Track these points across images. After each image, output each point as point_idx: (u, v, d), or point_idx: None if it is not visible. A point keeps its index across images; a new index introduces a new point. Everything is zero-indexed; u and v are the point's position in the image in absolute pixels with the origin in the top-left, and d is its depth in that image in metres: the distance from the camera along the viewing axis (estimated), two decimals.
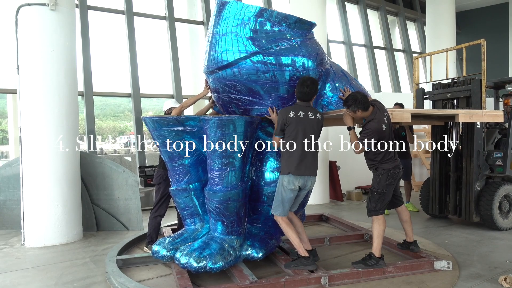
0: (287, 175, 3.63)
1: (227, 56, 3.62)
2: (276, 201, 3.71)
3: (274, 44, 3.62)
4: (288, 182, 3.62)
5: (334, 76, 4.16)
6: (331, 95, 4.12)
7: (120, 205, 5.75)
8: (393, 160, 3.81)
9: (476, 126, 5.35)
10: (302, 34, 3.77)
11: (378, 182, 3.80)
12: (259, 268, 3.94)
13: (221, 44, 3.65)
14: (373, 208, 3.81)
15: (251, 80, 3.67)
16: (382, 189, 3.78)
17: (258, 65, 3.61)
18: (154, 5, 8.57)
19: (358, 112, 3.69)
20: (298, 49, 3.70)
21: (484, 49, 5.40)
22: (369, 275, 3.67)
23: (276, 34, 3.65)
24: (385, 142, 3.74)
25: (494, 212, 5.24)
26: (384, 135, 3.71)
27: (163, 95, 8.47)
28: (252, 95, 3.77)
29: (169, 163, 3.97)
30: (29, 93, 4.95)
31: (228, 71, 3.67)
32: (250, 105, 3.85)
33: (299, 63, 3.69)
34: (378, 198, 3.79)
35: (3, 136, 8.52)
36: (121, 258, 4.17)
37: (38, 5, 4.88)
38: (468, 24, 15.06)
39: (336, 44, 11.29)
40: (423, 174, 9.18)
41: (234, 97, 3.84)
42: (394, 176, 3.80)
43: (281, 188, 3.66)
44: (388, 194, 3.82)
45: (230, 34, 3.62)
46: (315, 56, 3.79)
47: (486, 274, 3.82)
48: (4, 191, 5.71)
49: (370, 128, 3.67)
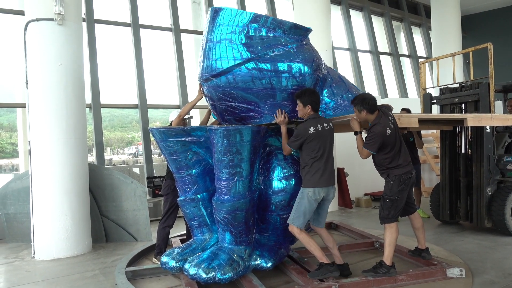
0: (312, 188, 3.61)
1: (221, 64, 3.60)
2: (297, 212, 3.64)
3: (269, 50, 3.60)
4: (314, 193, 3.61)
5: (332, 82, 4.14)
6: (328, 101, 4.11)
7: (129, 216, 5.76)
8: (404, 166, 3.75)
9: (486, 130, 5.29)
10: (298, 40, 3.77)
11: (390, 188, 3.75)
12: (269, 278, 3.91)
13: (215, 51, 3.64)
14: (386, 216, 3.76)
15: (246, 87, 3.65)
16: (394, 195, 3.73)
17: (253, 72, 3.59)
18: (160, 17, 8.67)
19: (363, 112, 3.69)
20: (294, 55, 3.68)
21: (491, 53, 5.36)
22: (380, 283, 3.62)
23: (271, 40, 3.64)
24: (390, 146, 3.70)
25: (506, 217, 5.15)
26: (389, 139, 3.68)
27: (170, 106, 8.52)
28: (248, 103, 3.75)
29: (177, 173, 3.97)
30: (38, 106, 5.01)
31: (223, 78, 3.66)
32: (246, 113, 3.83)
33: (295, 69, 3.68)
34: (390, 205, 3.74)
35: (14, 149, 8.61)
36: (130, 269, 4.16)
37: (46, 20, 4.96)
38: (474, 27, 14.98)
39: (342, 51, 11.29)
40: (433, 179, 9.08)
41: (229, 104, 3.81)
42: (406, 182, 3.74)
43: (305, 200, 3.63)
44: (401, 201, 3.77)
45: (224, 41, 3.61)
46: (312, 62, 3.78)
47: (500, 281, 3.74)
48: (14, 204, 5.76)
49: (374, 131, 3.66)
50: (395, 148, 3.73)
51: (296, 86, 3.74)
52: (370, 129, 3.72)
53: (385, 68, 12.07)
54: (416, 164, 6.40)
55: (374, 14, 12.44)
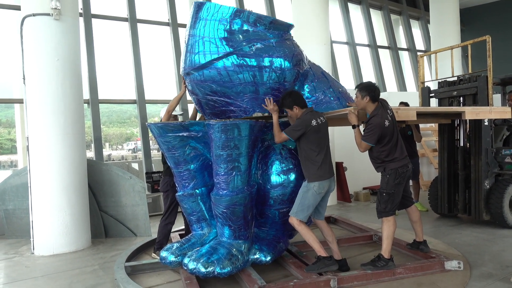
0: (318, 182, 3.64)
1: (201, 58, 3.63)
2: (301, 205, 3.66)
3: (249, 44, 3.62)
4: (319, 187, 3.64)
5: (313, 77, 4.15)
6: (310, 96, 4.11)
7: (128, 211, 5.77)
8: (400, 159, 3.77)
9: (484, 123, 5.30)
10: (279, 35, 3.78)
11: (386, 182, 3.76)
12: (268, 272, 3.92)
13: (196, 45, 3.66)
14: (383, 210, 3.77)
15: (226, 81, 3.67)
16: (391, 189, 3.74)
17: (232, 66, 3.61)
18: (157, 11, 8.62)
19: (366, 98, 3.71)
20: (274, 49, 3.70)
21: (489, 46, 5.35)
22: (379, 276, 3.63)
23: (251, 35, 3.66)
24: (388, 138, 3.70)
25: (504, 210, 5.18)
26: (387, 131, 3.69)
27: (168, 101, 8.46)
28: (227, 97, 3.77)
29: (175, 168, 3.97)
30: (36, 102, 5.00)
31: (204, 72, 3.67)
32: (225, 107, 3.85)
33: (275, 63, 3.69)
34: (387, 199, 3.75)
35: (12, 145, 8.60)
36: (130, 264, 4.17)
37: (42, 15, 4.93)
38: (472, 20, 14.93)
39: (340, 44, 11.26)
40: (431, 173, 9.10)
41: (210, 98, 3.83)
42: (402, 175, 3.75)
43: (309, 194, 3.65)
44: (397, 194, 3.78)
45: (205, 36, 3.63)
46: (292, 57, 3.79)
47: (498, 273, 3.76)
48: (13, 200, 5.76)
49: (373, 123, 3.67)
50: (392, 141, 3.73)
51: (276, 81, 3.75)
52: (368, 121, 3.73)
53: (383, 61, 12.04)
54: (415, 157, 6.42)
55: (372, 8, 12.39)
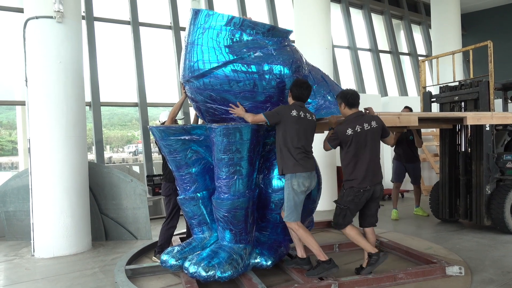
0: (295, 176, 3.55)
1: (200, 66, 3.60)
2: (289, 207, 3.62)
3: (248, 52, 3.59)
4: (298, 184, 3.57)
5: (313, 82, 4.13)
6: (310, 101, 4.10)
7: (129, 214, 5.76)
8: (361, 181, 3.64)
9: (485, 128, 5.30)
10: (277, 42, 3.75)
11: (341, 196, 3.78)
12: (269, 276, 3.91)
13: (194, 53, 3.63)
14: (337, 222, 3.78)
15: (225, 90, 3.64)
16: (344, 204, 3.72)
17: (232, 74, 3.58)
18: (159, 15, 8.65)
19: (342, 105, 3.79)
20: (273, 57, 3.67)
21: (491, 51, 5.36)
22: (380, 281, 3.62)
23: (250, 43, 3.63)
24: (351, 147, 3.66)
25: (505, 215, 5.16)
26: (348, 139, 3.66)
27: (170, 104, 8.51)
28: (227, 105, 3.74)
29: (177, 172, 3.97)
30: (37, 104, 5.01)
31: (203, 80, 3.65)
32: (226, 114, 3.81)
33: (275, 70, 3.66)
34: (339, 213, 3.75)
35: (13, 147, 8.62)
36: (130, 268, 4.16)
37: (45, 18, 4.95)
38: (474, 25, 14.96)
39: (342, 49, 11.28)
40: (432, 177, 9.08)
41: (210, 106, 3.81)
42: (358, 195, 3.68)
43: (292, 193, 3.59)
44: (351, 211, 3.73)
45: (203, 43, 3.60)
46: (291, 64, 3.76)
47: (499, 279, 3.75)
48: (13, 202, 5.76)
49: (335, 129, 3.79)
50: (357, 153, 3.66)
51: (275, 88, 3.73)
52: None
53: (385, 66, 12.06)
54: (416, 162, 6.42)
55: (374, 12, 12.43)
